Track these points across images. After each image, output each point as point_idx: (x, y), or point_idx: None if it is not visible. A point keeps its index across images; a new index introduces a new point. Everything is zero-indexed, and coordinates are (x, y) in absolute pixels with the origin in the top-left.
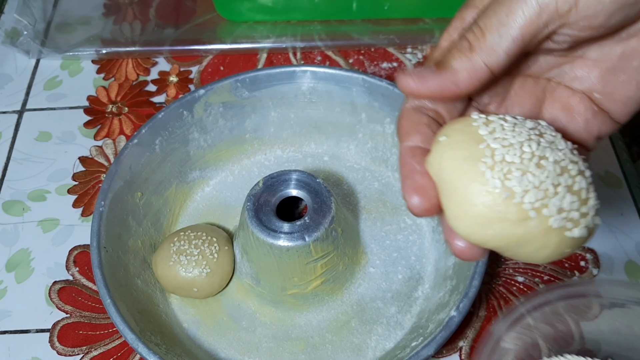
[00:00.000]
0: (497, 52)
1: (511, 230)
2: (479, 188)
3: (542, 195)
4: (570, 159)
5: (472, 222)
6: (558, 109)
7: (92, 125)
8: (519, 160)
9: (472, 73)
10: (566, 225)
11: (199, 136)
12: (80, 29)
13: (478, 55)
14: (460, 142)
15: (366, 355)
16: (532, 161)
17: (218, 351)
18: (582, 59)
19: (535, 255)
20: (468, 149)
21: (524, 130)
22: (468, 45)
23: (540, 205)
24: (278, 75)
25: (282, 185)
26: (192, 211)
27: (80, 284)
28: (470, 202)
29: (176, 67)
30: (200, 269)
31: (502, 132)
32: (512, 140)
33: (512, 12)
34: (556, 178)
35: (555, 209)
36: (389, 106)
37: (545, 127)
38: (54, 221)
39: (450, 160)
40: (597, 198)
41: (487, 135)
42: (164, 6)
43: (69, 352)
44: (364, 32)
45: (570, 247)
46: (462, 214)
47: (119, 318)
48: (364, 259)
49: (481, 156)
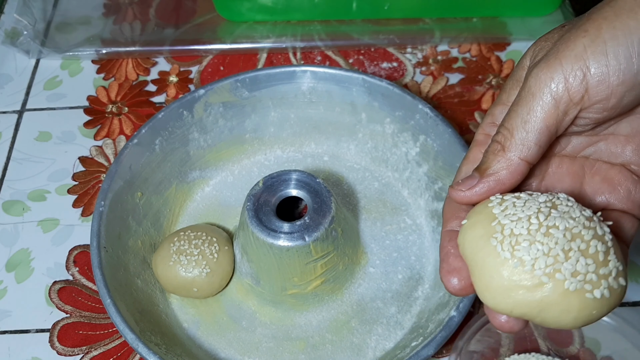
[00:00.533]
0: (527, 146)
1: (529, 297)
2: (493, 261)
3: (552, 261)
4: (585, 224)
5: (494, 294)
6: (599, 181)
7: (92, 125)
8: (526, 232)
9: (511, 169)
10: (585, 287)
11: (199, 136)
12: (80, 29)
13: (512, 153)
14: (477, 222)
15: (366, 355)
16: (539, 231)
17: (218, 351)
18: (614, 135)
19: (563, 320)
20: (483, 228)
21: (534, 204)
22: (500, 146)
23: (552, 271)
24: (278, 75)
25: (282, 185)
26: (192, 211)
27: (80, 284)
28: (488, 275)
29: (176, 67)
30: (200, 269)
31: (513, 208)
32: (521, 215)
33: (532, 110)
34: (567, 244)
35: (568, 273)
36: (389, 106)
37: (562, 199)
38: (54, 221)
39: (470, 240)
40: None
41: (499, 213)
42: (164, 6)
43: (68, 352)
44: (363, 32)
45: (596, 309)
46: (485, 287)
47: (119, 318)
48: (364, 259)
49: (493, 232)
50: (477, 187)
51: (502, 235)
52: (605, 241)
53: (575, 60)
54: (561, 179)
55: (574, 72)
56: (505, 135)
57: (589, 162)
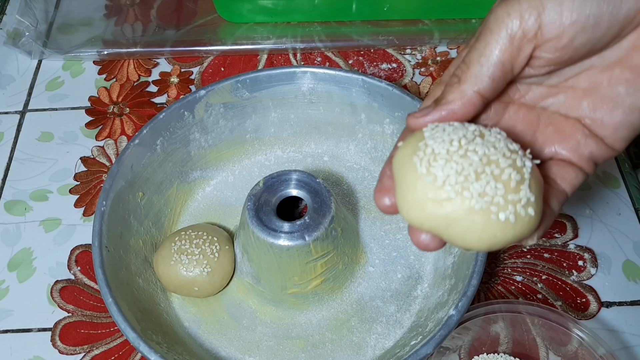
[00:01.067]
0: (482, 79)
1: (437, 210)
2: (411, 176)
3: (462, 179)
4: (505, 154)
5: (409, 206)
6: (551, 131)
7: (93, 126)
8: (445, 152)
9: (464, 101)
10: (491, 208)
11: (199, 136)
12: (81, 30)
13: (466, 85)
14: (408, 143)
15: (366, 353)
16: (457, 152)
17: (219, 350)
18: (573, 88)
19: (468, 238)
20: (411, 147)
21: (462, 131)
22: (457, 79)
23: (461, 188)
24: (278, 76)
25: (282, 185)
26: (193, 211)
27: (81, 283)
28: (405, 189)
29: (177, 67)
30: (201, 268)
31: (442, 132)
32: (446, 137)
33: (488, 44)
34: (481, 167)
35: (476, 192)
36: (389, 107)
37: (493, 132)
38: (56, 221)
39: (397, 158)
40: (535, 194)
41: (429, 135)
42: (165, 7)
43: (70, 351)
44: (363, 33)
45: (500, 231)
46: (402, 201)
47: (120, 317)
48: (363, 258)
49: (417, 151)
50: (430, 115)
51: (424, 153)
52: (522, 172)
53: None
54: (515, 124)
55: (529, 10)
56: (462, 69)
57: (546, 113)
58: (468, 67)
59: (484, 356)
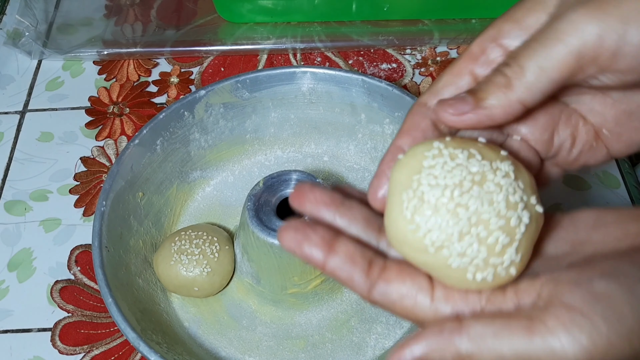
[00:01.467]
0: (533, 92)
1: (415, 255)
2: (396, 213)
3: (444, 238)
4: (500, 212)
5: (390, 236)
6: (567, 135)
7: (93, 126)
8: (434, 201)
9: (507, 110)
10: (468, 268)
11: (199, 136)
12: (81, 30)
13: (515, 94)
14: (404, 166)
15: (366, 353)
16: (447, 206)
17: (219, 350)
18: (604, 95)
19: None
20: (406, 176)
21: (462, 174)
22: (505, 82)
23: (441, 246)
24: (278, 76)
25: (282, 185)
26: (193, 211)
27: (81, 283)
28: (389, 219)
29: (177, 68)
30: (201, 269)
31: (441, 170)
32: (441, 182)
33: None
34: (467, 227)
35: (455, 252)
36: (388, 107)
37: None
38: (56, 221)
39: (392, 180)
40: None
41: (426, 169)
42: (165, 7)
43: (70, 351)
44: (363, 33)
45: (475, 286)
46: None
47: (120, 317)
48: None
49: (409, 187)
50: (467, 115)
51: (413, 194)
52: (513, 234)
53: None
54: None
55: (611, 31)
56: (516, 72)
57: (568, 110)
58: (523, 74)
59: None
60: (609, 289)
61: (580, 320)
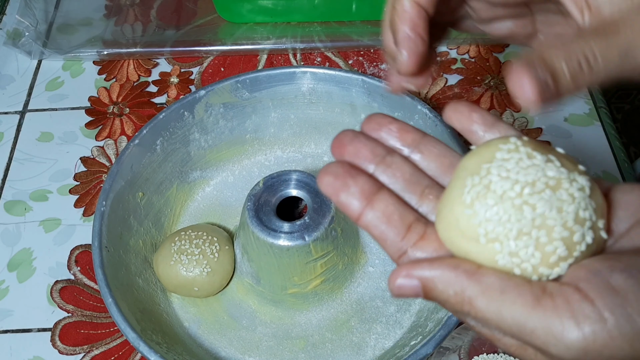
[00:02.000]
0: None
1: (461, 242)
2: (456, 195)
3: (500, 231)
4: (567, 225)
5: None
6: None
7: (93, 126)
8: (500, 192)
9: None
10: (514, 269)
11: (199, 136)
12: (81, 30)
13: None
14: (476, 154)
15: (365, 353)
16: (513, 200)
17: (219, 350)
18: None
19: None
20: (475, 163)
21: (537, 175)
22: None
23: (494, 238)
24: (278, 76)
25: (282, 185)
26: (192, 211)
27: (81, 284)
28: (445, 202)
29: (177, 68)
30: (201, 269)
31: (515, 165)
32: (512, 176)
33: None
34: (529, 227)
35: (507, 250)
36: (388, 107)
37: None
38: (56, 221)
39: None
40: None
41: (498, 160)
42: (165, 8)
43: (70, 351)
44: (363, 33)
45: None
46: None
47: (120, 317)
48: (363, 259)
49: (475, 173)
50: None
51: (480, 181)
52: (572, 249)
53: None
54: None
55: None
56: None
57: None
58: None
59: (484, 356)
60: (626, 284)
61: (588, 310)
